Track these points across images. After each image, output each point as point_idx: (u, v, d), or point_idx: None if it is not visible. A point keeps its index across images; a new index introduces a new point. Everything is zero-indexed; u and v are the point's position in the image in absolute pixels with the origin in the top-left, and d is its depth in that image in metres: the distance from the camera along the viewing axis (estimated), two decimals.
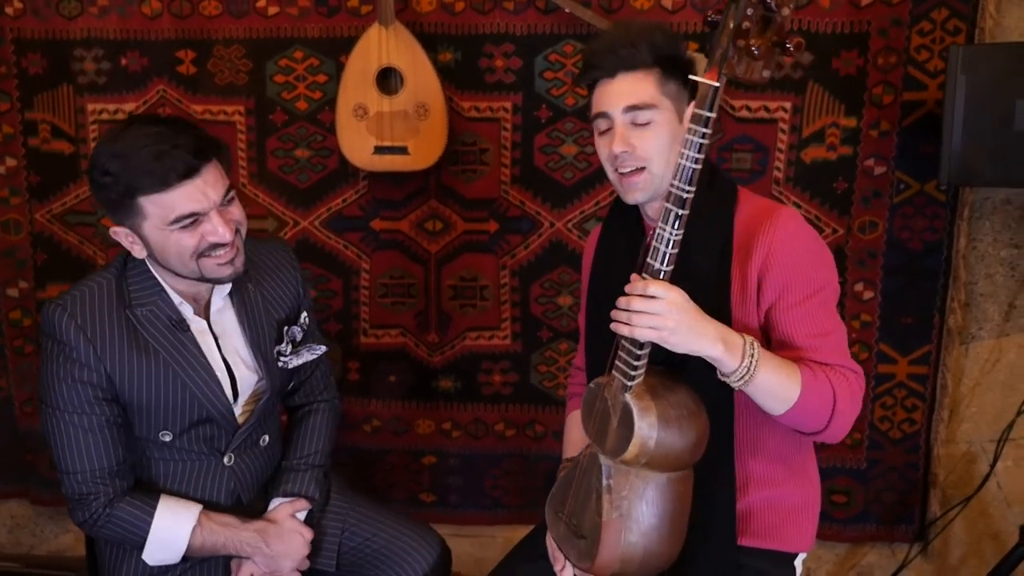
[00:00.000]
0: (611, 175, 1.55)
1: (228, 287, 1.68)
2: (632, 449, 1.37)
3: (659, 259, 1.35)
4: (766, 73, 1.31)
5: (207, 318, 1.68)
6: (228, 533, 1.66)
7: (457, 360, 2.55)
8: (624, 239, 1.64)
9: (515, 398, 2.56)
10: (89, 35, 2.45)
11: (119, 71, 2.47)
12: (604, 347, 1.47)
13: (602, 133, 1.54)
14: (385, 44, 2.25)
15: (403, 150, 2.29)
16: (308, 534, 1.74)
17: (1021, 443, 2.41)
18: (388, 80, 2.28)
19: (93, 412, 1.58)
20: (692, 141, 1.31)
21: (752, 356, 1.37)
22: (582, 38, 2.31)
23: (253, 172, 2.49)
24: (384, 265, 2.52)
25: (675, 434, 1.39)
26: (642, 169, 1.50)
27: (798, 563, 1.64)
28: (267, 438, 1.80)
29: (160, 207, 1.49)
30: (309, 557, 1.76)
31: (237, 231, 1.57)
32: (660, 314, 1.33)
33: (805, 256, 1.49)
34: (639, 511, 1.43)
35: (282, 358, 1.75)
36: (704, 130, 1.30)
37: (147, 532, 1.61)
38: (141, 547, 1.63)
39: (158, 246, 1.54)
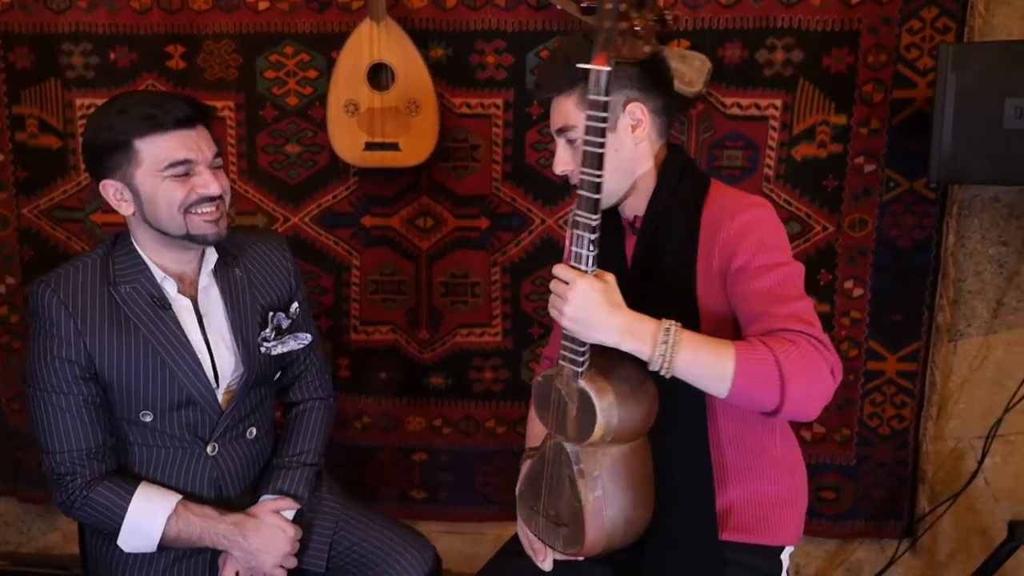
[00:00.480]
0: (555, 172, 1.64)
1: (213, 262, 1.70)
2: (598, 431, 1.42)
3: (582, 245, 1.38)
4: (647, 49, 1.36)
5: (194, 296, 1.69)
6: (205, 524, 1.64)
7: (448, 357, 2.54)
8: (602, 241, 1.65)
9: (506, 395, 2.56)
10: (77, 29, 2.43)
11: (108, 66, 2.45)
12: None
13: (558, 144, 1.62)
14: (376, 40, 2.24)
15: (394, 146, 2.29)
16: (291, 531, 1.71)
17: (1009, 439, 2.43)
18: (379, 76, 2.27)
19: (72, 392, 1.58)
20: (591, 127, 1.35)
21: (666, 343, 1.34)
22: (572, 34, 2.31)
23: (243, 168, 2.47)
24: (375, 262, 2.51)
25: (632, 407, 1.45)
26: None
27: (785, 556, 1.64)
28: (254, 431, 1.78)
29: (155, 149, 1.54)
30: (298, 555, 1.75)
31: (221, 197, 1.62)
32: (563, 299, 1.37)
33: (763, 239, 1.48)
34: (613, 486, 1.48)
35: (265, 343, 1.74)
36: (601, 114, 1.34)
37: (122, 518, 1.60)
38: (116, 532, 1.62)
39: (148, 196, 1.57)
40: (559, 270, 1.40)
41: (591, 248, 1.37)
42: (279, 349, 1.76)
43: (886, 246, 2.34)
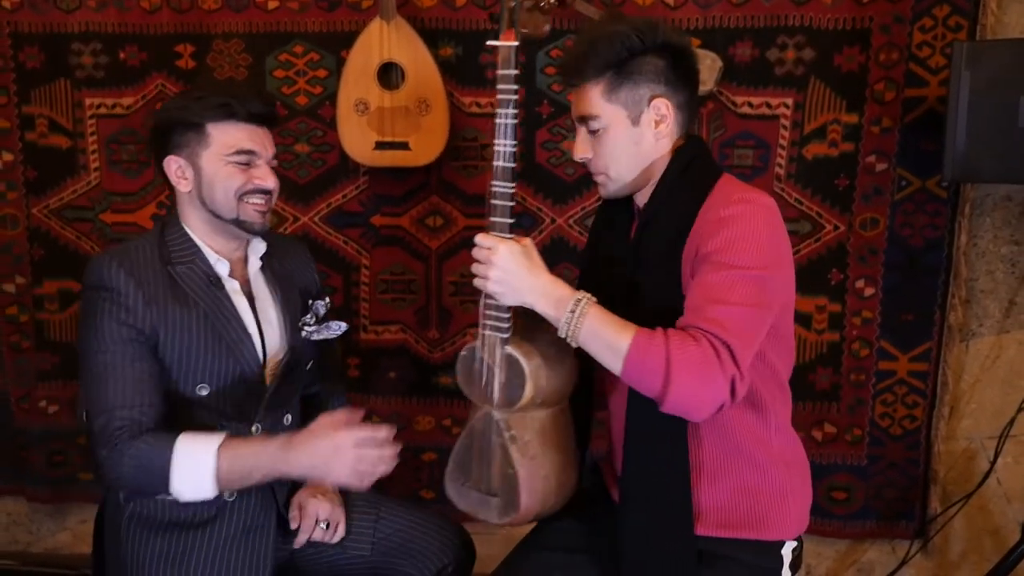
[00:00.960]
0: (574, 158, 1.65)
1: (262, 250, 1.78)
2: (528, 392, 1.50)
3: (496, 213, 1.50)
4: (547, 27, 1.57)
5: (243, 281, 1.75)
6: (255, 450, 1.57)
7: (457, 356, 2.53)
8: (614, 219, 1.69)
9: None
10: (87, 29, 2.43)
11: (117, 65, 2.45)
12: None
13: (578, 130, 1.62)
14: (386, 39, 2.24)
15: (404, 145, 2.28)
16: (353, 434, 1.54)
17: (1021, 440, 2.42)
18: (389, 75, 2.27)
19: (134, 352, 1.60)
20: (503, 99, 1.49)
21: (573, 312, 1.41)
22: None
23: None
24: (384, 261, 2.51)
25: (557, 369, 1.54)
26: (601, 173, 1.59)
27: (785, 552, 1.61)
28: (290, 418, 1.81)
29: (226, 136, 1.65)
30: (347, 542, 1.78)
31: (271, 192, 1.72)
32: (487, 264, 1.46)
33: (736, 236, 1.44)
34: (543, 449, 1.56)
35: (306, 328, 1.79)
36: (512, 86, 1.49)
37: (170, 460, 1.54)
38: (167, 482, 1.55)
39: (208, 177, 1.66)
40: (480, 238, 1.49)
41: (504, 216, 1.49)
42: (317, 336, 1.81)
43: (898, 245, 2.33)
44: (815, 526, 2.48)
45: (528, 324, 1.53)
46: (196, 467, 1.55)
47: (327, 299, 1.87)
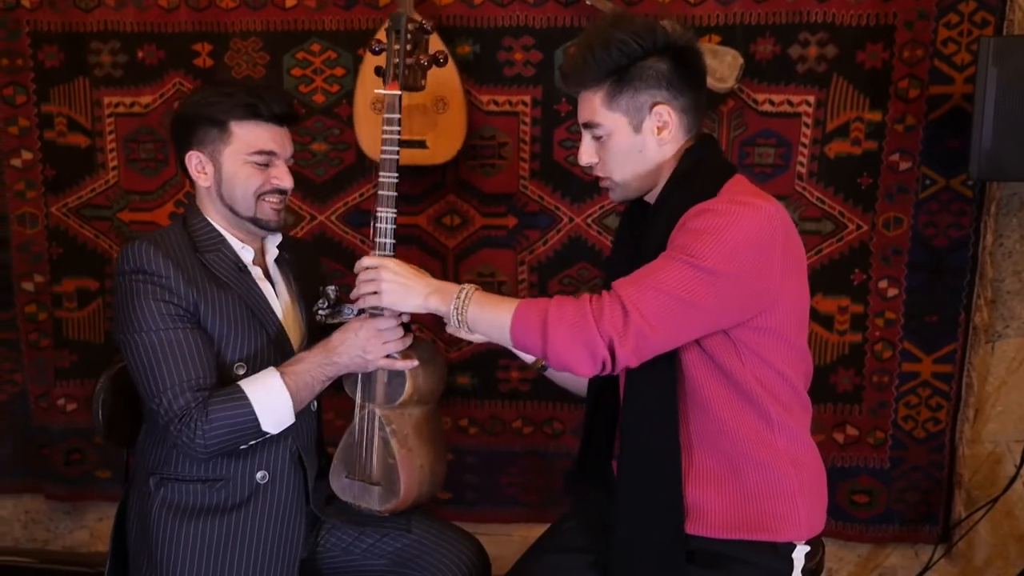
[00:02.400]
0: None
1: (279, 238, 1.85)
2: (408, 389, 1.74)
3: (383, 235, 1.72)
4: (423, 82, 1.83)
5: (264, 267, 1.82)
6: (306, 365, 1.68)
7: (474, 356, 2.52)
8: (632, 224, 1.67)
9: (532, 395, 2.53)
10: (106, 28, 2.44)
11: (135, 64, 2.46)
12: None
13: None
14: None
15: (421, 144, 2.27)
16: (372, 323, 1.68)
17: None
18: None
19: (185, 328, 1.64)
20: (386, 138, 1.73)
21: (459, 298, 1.51)
22: None
23: None
24: (401, 260, 2.48)
25: (431, 371, 1.79)
26: (607, 178, 1.60)
27: (797, 555, 1.57)
28: (315, 403, 1.83)
29: (248, 135, 1.70)
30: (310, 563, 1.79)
31: (287, 191, 1.77)
32: (374, 280, 1.59)
33: (705, 229, 1.41)
34: (419, 441, 1.79)
35: (320, 312, 1.80)
36: (395, 128, 1.74)
37: (251, 406, 1.62)
38: (256, 426, 1.63)
39: (228, 175, 1.71)
40: (364, 261, 1.64)
41: (389, 237, 1.72)
42: (331, 320, 1.82)
43: (922, 245, 2.30)
44: (836, 529, 2.45)
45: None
46: (276, 401, 1.65)
47: (336, 287, 1.87)
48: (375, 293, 1.60)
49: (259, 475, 1.72)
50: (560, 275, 2.45)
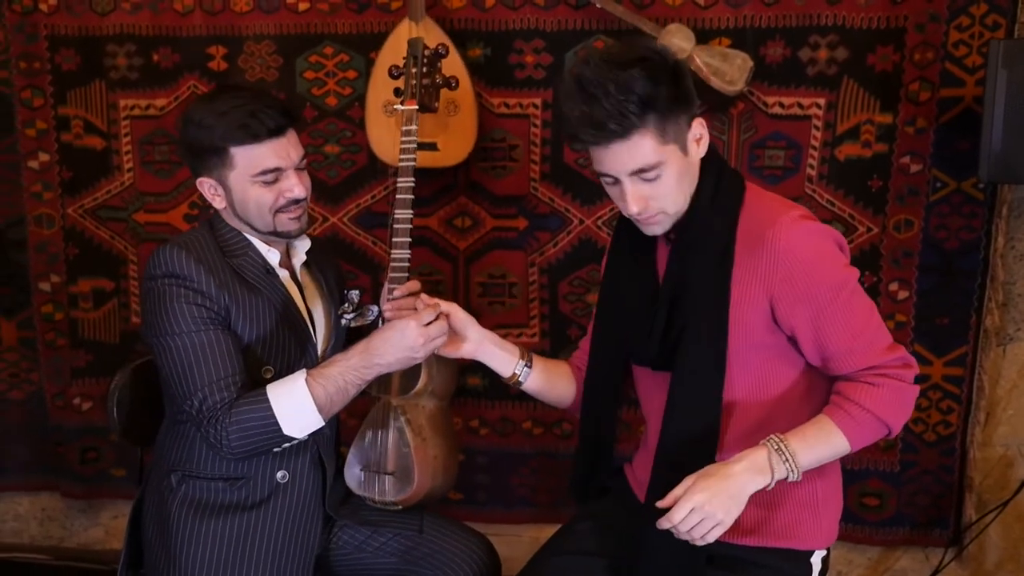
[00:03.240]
0: (626, 214, 1.53)
1: (308, 243, 1.85)
2: (423, 378, 1.83)
3: (399, 246, 1.88)
4: (436, 104, 2.05)
5: (291, 270, 1.82)
6: (340, 368, 1.64)
7: None
8: (634, 248, 1.64)
9: None
10: (122, 31, 2.47)
11: (151, 67, 2.49)
12: (611, 344, 1.68)
13: (609, 185, 1.50)
14: None
15: (432, 146, 2.28)
16: (413, 320, 1.64)
17: None
18: None
19: (216, 329, 1.65)
20: (407, 148, 1.92)
21: (785, 458, 1.44)
22: (613, 34, 2.29)
23: None
24: (413, 262, 2.48)
25: (445, 364, 1.88)
26: (657, 213, 1.50)
27: (815, 560, 1.61)
28: None
29: (249, 158, 1.66)
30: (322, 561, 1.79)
31: (306, 198, 1.75)
32: (708, 518, 1.40)
33: (815, 261, 1.47)
34: (433, 433, 1.88)
35: (345, 316, 1.82)
36: (414, 139, 1.92)
37: (271, 411, 1.60)
38: (278, 430, 1.61)
39: (239, 197, 1.70)
40: (671, 508, 1.43)
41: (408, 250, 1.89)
42: (355, 322, 1.84)
43: (932, 248, 2.29)
44: (846, 532, 2.45)
45: None
46: (297, 406, 1.62)
47: (358, 290, 1.88)
48: (716, 526, 1.42)
49: (279, 475, 1.74)
50: (570, 277, 2.46)
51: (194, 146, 1.68)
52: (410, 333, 1.62)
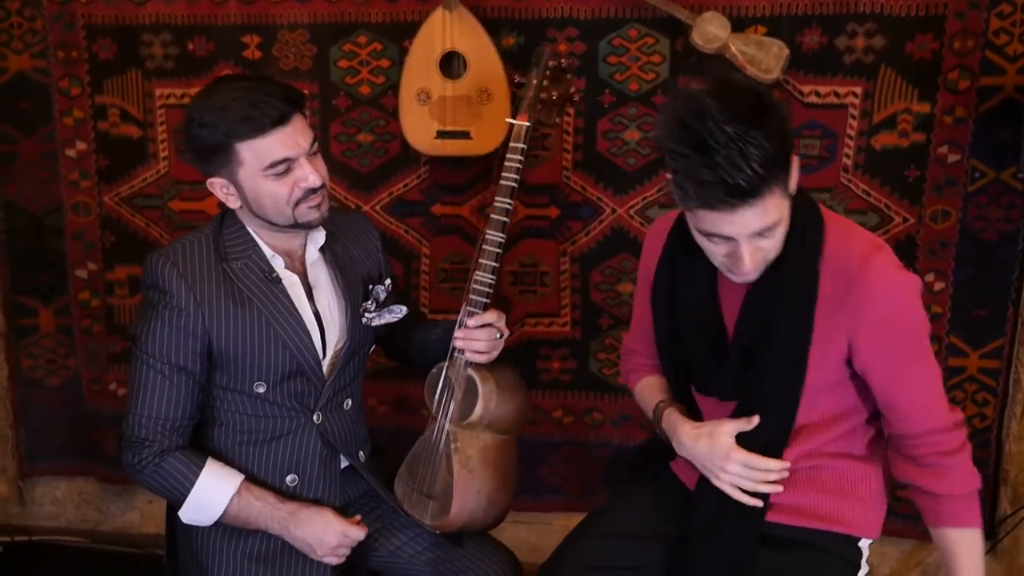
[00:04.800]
0: (718, 264, 1.46)
1: (321, 240, 1.76)
2: (478, 410, 1.72)
3: (488, 257, 1.79)
4: (557, 120, 1.89)
5: (301, 272, 1.75)
6: (263, 508, 1.67)
7: (516, 346, 2.53)
8: (692, 267, 1.58)
9: (573, 385, 2.54)
10: (157, 20, 2.49)
11: (186, 56, 2.51)
12: (676, 363, 1.65)
13: (717, 243, 1.40)
14: (449, 28, 2.24)
15: (465, 135, 2.29)
16: (340, 528, 1.70)
17: None
18: (451, 65, 2.27)
19: (178, 365, 1.63)
20: (510, 166, 1.78)
21: None
22: (647, 22, 2.28)
23: None
24: (444, 250, 2.52)
25: (508, 398, 1.76)
26: (763, 262, 1.44)
27: (863, 546, 1.64)
28: (350, 402, 1.83)
29: (255, 153, 1.58)
30: (356, 559, 1.78)
31: (323, 185, 1.66)
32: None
33: (904, 312, 1.46)
34: (482, 467, 1.76)
35: (367, 315, 1.80)
36: (520, 158, 1.80)
37: (189, 490, 1.63)
38: (180, 503, 1.65)
39: (252, 193, 1.62)
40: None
41: (497, 261, 1.78)
42: (378, 321, 1.82)
43: (970, 239, 2.26)
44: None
45: (496, 359, 1.77)
46: (208, 506, 1.66)
47: (388, 281, 1.87)
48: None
49: (288, 479, 1.74)
50: (602, 266, 2.45)
51: (198, 147, 1.61)
52: (330, 532, 1.67)
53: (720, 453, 1.52)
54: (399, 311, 1.84)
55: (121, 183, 2.62)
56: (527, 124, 1.81)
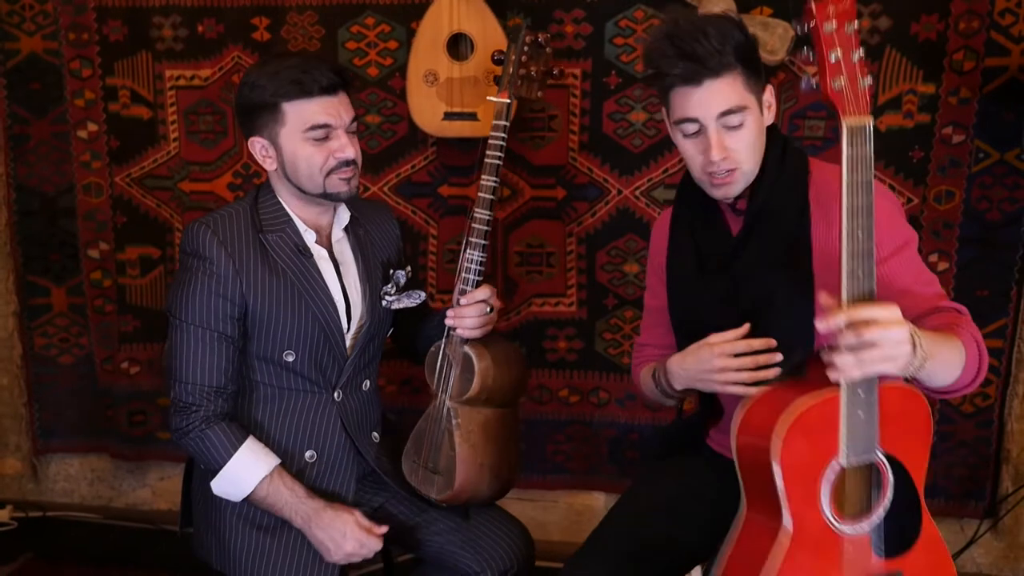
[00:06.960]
0: (698, 174, 1.55)
1: (346, 220, 1.82)
2: (476, 384, 1.76)
3: (477, 235, 1.81)
4: (540, 93, 1.96)
5: (328, 247, 1.80)
6: (290, 497, 1.70)
7: (522, 326, 2.56)
8: (708, 216, 1.64)
9: (579, 365, 2.57)
10: (167, 2, 2.51)
11: (196, 38, 2.52)
12: (694, 338, 1.58)
13: (689, 135, 1.52)
14: (456, 10, 2.25)
15: (472, 116, 2.30)
16: (360, 536, 1.71)
17: None
18: (458, 46, 2.29)
19: (218, 329, 1.68)
20: (494, 144, 1.84)
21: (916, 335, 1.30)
22: (653, 3, 2.29)
23: None
24: (452, 231, 2.54)
25: (504, 372, 1.80)
26: (734, 169, 1.51)
27: None
28: (368, 383, 1.88)
29: (300, 113, 1.66)
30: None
31: (355, 161, 1.73)
32: (898, 342, 1.25)
33: (885, 217, 1.47)
34: (483, 440, 1.80)
35: (386, 297, 1.84)
36: (503, 135, 1.85)
37: (227, 461, 1.67)
38: (214, 472, 1.69)
39: (290, 155, 1.69)
40: (857, 314, 1.25)
41: (485, 239, 1.80)
42: (397, 304, 1.86)
43: (974, 219, 2.28)
44: None
45: (486, 336, 1.80)
46: (240, 481, 1.69)
47: (408, 268, 1.90)
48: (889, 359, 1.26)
49: (307, 454, 1.78)
50: (608, 246, 2.47)
51: (247, 105, 1.69)
52: (349, 539, 1.69)
53: (705, 355, 1.54)
54: (418, 296, 1.88)
55: (132, 164, 2.64)
56: (507, 101, 1.87)
